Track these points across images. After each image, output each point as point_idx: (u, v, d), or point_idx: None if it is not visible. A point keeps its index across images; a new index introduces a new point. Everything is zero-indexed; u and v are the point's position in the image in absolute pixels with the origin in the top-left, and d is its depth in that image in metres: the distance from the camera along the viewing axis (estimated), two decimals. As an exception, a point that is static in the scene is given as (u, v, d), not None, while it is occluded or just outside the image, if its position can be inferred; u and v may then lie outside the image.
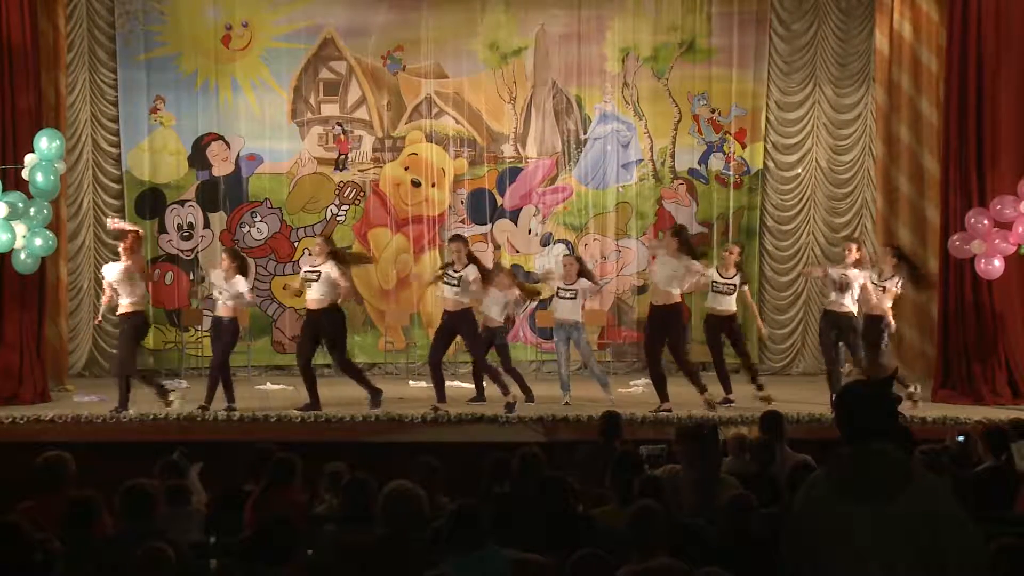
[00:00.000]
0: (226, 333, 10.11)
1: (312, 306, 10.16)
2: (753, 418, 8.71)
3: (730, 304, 10.84)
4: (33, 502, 5.50)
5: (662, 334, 10.35)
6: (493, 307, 10.83)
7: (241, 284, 10.02)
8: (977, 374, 11.06)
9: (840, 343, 10.44)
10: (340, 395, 10.57)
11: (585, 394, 10.82)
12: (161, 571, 4.43)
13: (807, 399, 10.54)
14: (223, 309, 10.09)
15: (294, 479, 5.85)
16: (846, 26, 13.44)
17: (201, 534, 5.81)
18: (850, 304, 10.33)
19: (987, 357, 11.09)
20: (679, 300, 10.37)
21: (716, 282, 10.73)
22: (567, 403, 10.47)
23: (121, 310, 10.04)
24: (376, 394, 10.21)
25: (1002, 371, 11.08)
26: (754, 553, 4.58)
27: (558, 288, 10.64)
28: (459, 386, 11.95)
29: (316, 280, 10.08)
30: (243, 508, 5.77)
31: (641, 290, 13.47)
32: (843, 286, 10.26)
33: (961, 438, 7.42)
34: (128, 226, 10.60)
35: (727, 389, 10.74)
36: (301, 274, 10.50)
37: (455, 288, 10.32)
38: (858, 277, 10.30)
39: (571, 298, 10.54)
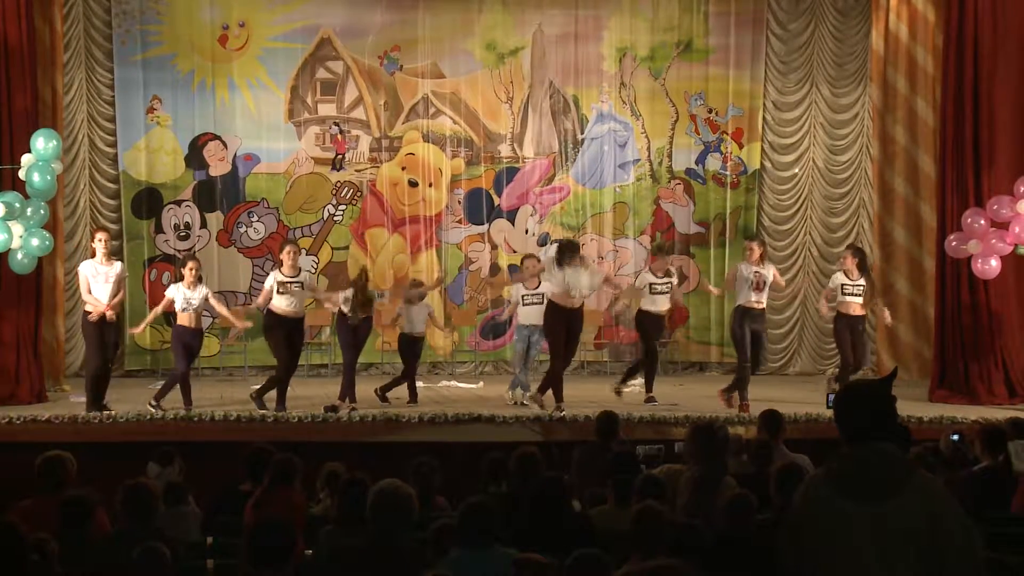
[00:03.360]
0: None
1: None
2: (751, 418, 8.72)
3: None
4: (33, 501, 5.50)
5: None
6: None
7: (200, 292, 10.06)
8: (974, 374, 11.07)
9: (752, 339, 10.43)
10: (336, 394, 10.54)
11: (582, 394, 10.81)
12: (158, 571, 4.43)
13: (804, 399, 10.54)
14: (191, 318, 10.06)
15: (294, 480, 5.84)
16: (843, 26, 13.47)
17: (199, 534, 5.81)
18: (764, 300, 10.43)
19: (984, 357, 11.10)
20: None
21: (653, 283, 10.68)
22: (522, 403, 10.41)
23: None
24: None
25: (998, 371, 11.09)
26: (751, 553, 4.58)
27: (523, 294, 10.59)
28: (456, 386, 12.05)
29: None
30: (241, 508, 5.76)
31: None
32: (759, 284, 10.27)
33: (955, 437, 7.42)
34: None
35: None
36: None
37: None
38: (770, 272, 10.39)
39: (539, 303, 10.44)
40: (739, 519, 4.96)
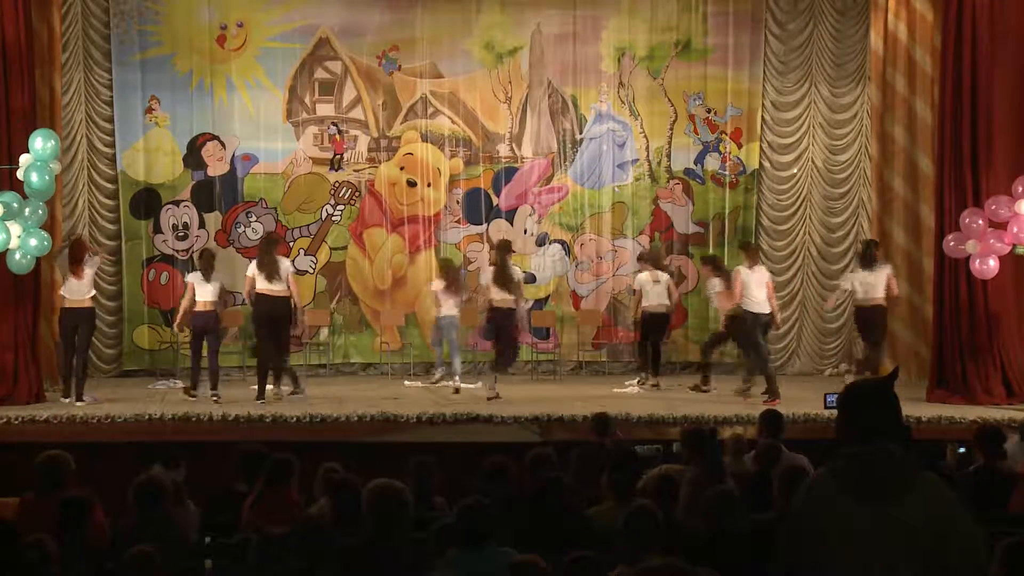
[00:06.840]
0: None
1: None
2: (751, 418, 8.72)
3: None
4: (32, 500, 5.50)
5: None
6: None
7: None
8: (971, 374, 11.06)
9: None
10: (334, 394, 10.56)
11: (582, 394, 10.81)
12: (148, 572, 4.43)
13: (802, 398, 10.54)
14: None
15: (291, 480, 5.84)
16: (841, 26, 13.45)
17: (196, 534, 5.81)
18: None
19: (981, 357, 11.09)
20: None
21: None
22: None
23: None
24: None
25: (996, 371, 11.09)
26: (740, 550, 4.58)
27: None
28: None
29: None
30: (238, 509, 5.76)
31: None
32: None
33: (962, 449, 7.41)
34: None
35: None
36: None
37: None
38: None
39: None
40: (720, 516, 4.92)
